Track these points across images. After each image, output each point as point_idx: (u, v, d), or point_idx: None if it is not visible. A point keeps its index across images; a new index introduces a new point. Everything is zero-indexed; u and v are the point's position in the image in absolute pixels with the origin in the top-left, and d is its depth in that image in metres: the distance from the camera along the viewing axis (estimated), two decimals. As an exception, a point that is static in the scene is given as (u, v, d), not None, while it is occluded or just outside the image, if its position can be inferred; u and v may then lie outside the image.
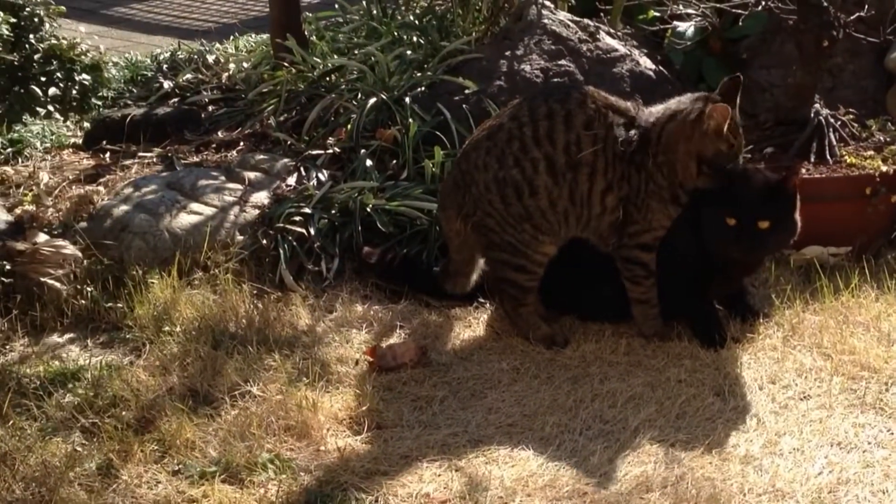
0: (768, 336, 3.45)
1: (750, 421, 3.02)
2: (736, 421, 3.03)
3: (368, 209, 3.97)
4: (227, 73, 5.35)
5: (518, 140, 3.37)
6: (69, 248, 3.79)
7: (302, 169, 4.30)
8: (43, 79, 3.89)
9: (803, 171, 3.82)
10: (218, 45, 5.93)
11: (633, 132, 3.35)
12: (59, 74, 3.91)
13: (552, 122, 3.35)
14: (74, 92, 3.96)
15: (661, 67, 4.68)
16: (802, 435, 2.96)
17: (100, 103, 4.26)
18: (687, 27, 4.75)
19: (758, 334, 3.46)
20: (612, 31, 4.76)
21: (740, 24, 4.55)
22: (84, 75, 3.95)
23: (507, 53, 4.55)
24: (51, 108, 3.89)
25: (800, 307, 3.55)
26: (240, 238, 3.94)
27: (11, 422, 3.06)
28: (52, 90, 3.91)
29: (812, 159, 3.91)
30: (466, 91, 4.40)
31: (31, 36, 3.92)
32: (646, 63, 4.63)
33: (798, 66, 4.05)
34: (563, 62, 4.53)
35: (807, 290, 3.68)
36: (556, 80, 4.46)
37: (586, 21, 4.73)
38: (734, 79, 3.37)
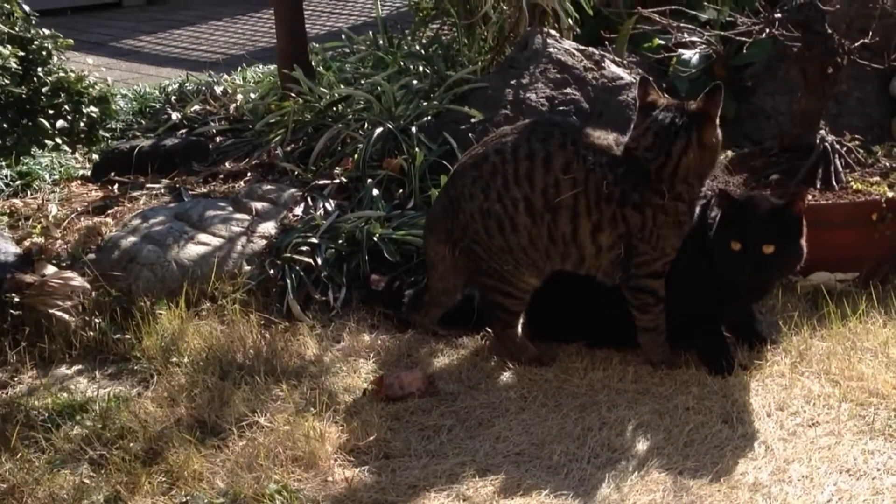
0: (776, 363, 3.44)
1: (758, 448, 3.01)
2: (744, 448, 3.01)
3: (375, 239, 3.98)
4: (234, 104, 5.38)
5: (501, 176, 3.38)
6: (77, 280, 3.80)
7: (309, 199, 4.32)
8: (51, 111, 3.92)
9: (809, 197, 3.82)
10: (226, 76, 5.98)
11: (620, 170, 3.33)
12: (66, 107, 3.94)
13: (532, 163, 3.34)
14: (82, 124, 3.99)
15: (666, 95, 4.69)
16: (811, 462, 2.94)
17: (108, 135, 4.28)
18: (692, 55, 4.76)
19: (765, 361, 3.46)
20: (617, 59, 4.77)
21: (745, 51, 4.56)
22: (92, 107, 3.98)
23: (513, 82, 4.57)
24: (59, 140, 3.91)
25: (807, 333, 3.55)
26: (247, 268, 3.95)
27: (19, 454, 3.06)
28: (60, 122, 3.94)
29: (818, 185, 3.91)
30: (473, 120, 4.42)
31: (39, 69, 3.95)
32: (651, 91, 4.64)
33: (803, 92, 4.06)
34: (568, 90, 4.54)
35: (814, 316, 3.67)
36: (561, 108, 4.47)
37: (591, 49, 4.76)
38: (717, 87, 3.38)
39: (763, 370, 3.41)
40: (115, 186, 4.69)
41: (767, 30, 3.93)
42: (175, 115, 5.32)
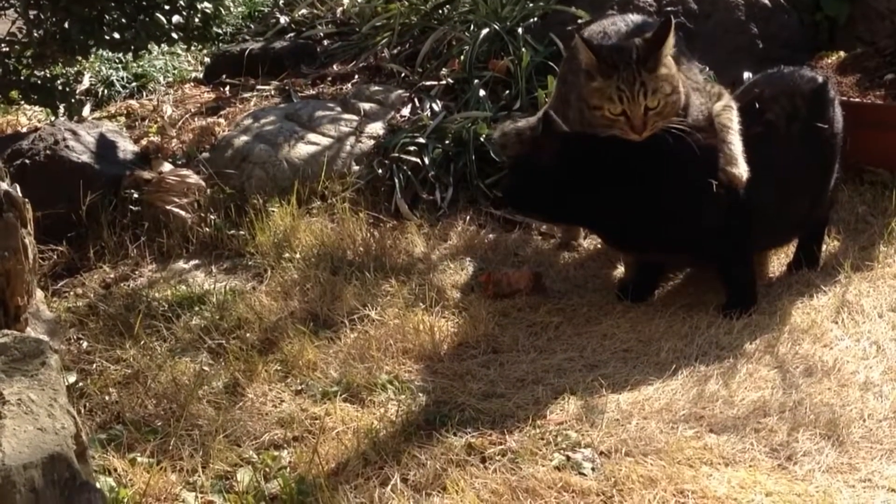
0: (888, 264, 3.40)
1: (870, 348, 2.99)
2: (855, 348, 2.99)
3: (482, 139, 3.99)
4: (341, 8, 5.40)
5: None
6: (193, 178, 3.89)
7: (416, 100, 4.34)
8: (167, 7, 3.95)
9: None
10: (332, -21, 5.97)
11: None
12: (181, 2, 3.96)
13: None
14: (197, 20, 4.00)
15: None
16: (923, 363, 2.91)
17: (220, 31, 4.32)
18: (805, -47, 4.62)
19: (877, 262, 3.41)
20: (728, -42, 4.66)
21: (861, -53, 4.42)
22: (206, 3, 4.00)
23: (621, -18, 4.50)
24: (174, 35, 3.94)
25: (922, 236, 3.49)
26: (356, 168, 4.00)
27: (143, 342, 3.18)
28: (176, 18, 3.96)
29: (934, 86, 3.81)
30: (579, 21, 4.37)
31: (154, -34, 3.98)
32: (762, -9, 4.55)
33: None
34: (677, -9, 4.47)
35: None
36: (669, 9, 4.40)
37: (702, -52, 4.65)
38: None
39: (874, 271, 3.37)
40: (227, 88, 4.77)
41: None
42: (283, 19, 5.36)
